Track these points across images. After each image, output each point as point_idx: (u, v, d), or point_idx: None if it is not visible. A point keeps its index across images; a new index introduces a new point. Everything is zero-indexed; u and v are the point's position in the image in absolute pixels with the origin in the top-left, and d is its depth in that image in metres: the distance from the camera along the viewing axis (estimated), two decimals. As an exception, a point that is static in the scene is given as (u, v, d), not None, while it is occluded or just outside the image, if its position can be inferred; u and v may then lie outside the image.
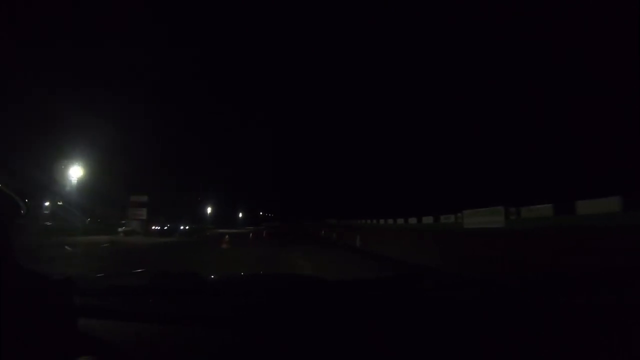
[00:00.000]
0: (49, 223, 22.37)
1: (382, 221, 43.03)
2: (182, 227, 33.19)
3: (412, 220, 34.72)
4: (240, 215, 72.65)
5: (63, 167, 22.88)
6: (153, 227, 30.38)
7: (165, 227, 31.27)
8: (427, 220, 32.11)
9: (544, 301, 1.06)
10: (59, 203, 24.57)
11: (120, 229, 28.20)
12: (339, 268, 8.09)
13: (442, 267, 6.63)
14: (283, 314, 1.05)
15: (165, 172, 47.11)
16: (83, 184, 23.95)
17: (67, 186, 22.78)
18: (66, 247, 12.81)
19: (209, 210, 56.09)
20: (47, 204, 24.08)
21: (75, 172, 23.19)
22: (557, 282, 1.24)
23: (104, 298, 1.17)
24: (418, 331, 0.94)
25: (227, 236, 18.57)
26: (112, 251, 13.51)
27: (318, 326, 0.99)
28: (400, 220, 37.18)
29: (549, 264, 5.36)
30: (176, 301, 1.18)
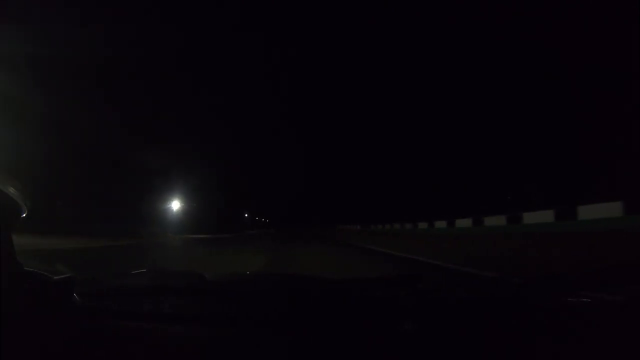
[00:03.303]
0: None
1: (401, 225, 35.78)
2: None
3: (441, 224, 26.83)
4: (176, 207, 31.53)
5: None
6: None
7: None
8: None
9: (544, 300, 1.06)
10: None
11: None
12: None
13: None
14: (282, 313, 1.05)
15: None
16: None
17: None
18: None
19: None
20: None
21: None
22: (557, 281, 1.24)
23: (105, 298, 1.17)
24: (418, 331, 0.94)
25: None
26: None
27: (317, 324, 0.98)
28: (423, 225, 30.41)
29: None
30: (177, 301, 1.18)
